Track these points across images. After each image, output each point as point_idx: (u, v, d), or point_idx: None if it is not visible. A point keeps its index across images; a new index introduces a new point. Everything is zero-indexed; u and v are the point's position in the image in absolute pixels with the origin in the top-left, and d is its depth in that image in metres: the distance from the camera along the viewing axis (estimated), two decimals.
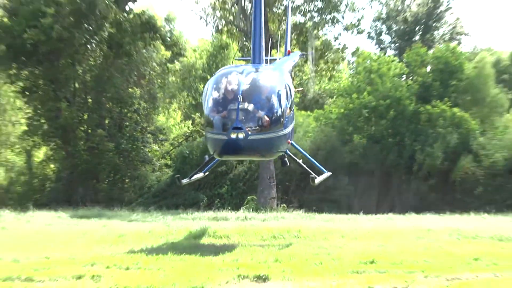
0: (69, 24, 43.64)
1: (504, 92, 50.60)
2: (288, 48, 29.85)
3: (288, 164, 22.82)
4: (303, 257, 17.21)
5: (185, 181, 24.15)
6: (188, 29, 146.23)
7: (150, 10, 47.83)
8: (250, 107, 16.98)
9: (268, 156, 22.35)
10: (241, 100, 16.92)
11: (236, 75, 17.86)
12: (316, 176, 22.02)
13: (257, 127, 17.01)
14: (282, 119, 17.94)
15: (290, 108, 19.08)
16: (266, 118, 17.19)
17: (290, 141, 20.87)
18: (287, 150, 21.12)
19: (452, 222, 27.98)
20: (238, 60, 41.15)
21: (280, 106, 17.73)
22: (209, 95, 17.94)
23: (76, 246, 19.76)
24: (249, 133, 16.71)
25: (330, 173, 23.84)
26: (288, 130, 19.16)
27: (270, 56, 28.18)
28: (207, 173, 25.32)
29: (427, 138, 43.12)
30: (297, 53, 32.34)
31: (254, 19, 20.52)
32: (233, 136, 16.67)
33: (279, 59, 26.41)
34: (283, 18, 38.43)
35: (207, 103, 17.95)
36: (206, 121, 18.32)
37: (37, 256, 17.36)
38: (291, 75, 24.93)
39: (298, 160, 23.19)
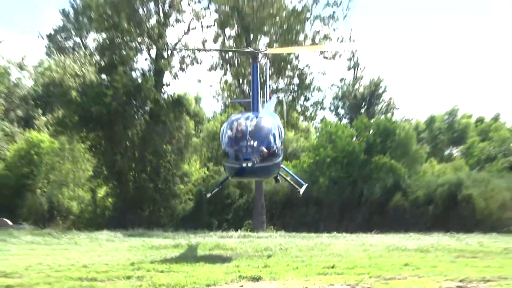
0: (123, 102, 44.37)
1: (422, 148, 51.43)
2: (269, 93, 29.90)
3: (280, 182, 23.07)
4: (284, 264, 17.15)
5: (208, 195, 24.73)
6: (205, 103, 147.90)
7: (185, 92, 48.73)
8: (255, 143, 17.25)
9: (267, 177, 22.65)
10: (249, 138, 17.21)
11: (244, 120, 18.13)
12: (299, 189, 22.30)
13: (260, 158, 17.24)
14: (276, 151, 18.22)
15: (281, 143, 19.32)
16: (266, 151, 17.45)
17: (282, 166, 21.08)
18: (279, 172, 21.32)
19: (388, 239, 27.91)
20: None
21: (275, 142, 18.03)
22: (225, 134, 18.18)
23: (127, 256, 19.69)
24: (255, 162, 16.96)
25: (307, 184, 23.88)
26: (280, 158, 19.36)
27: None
28: (220, 187, 25.82)
29: (372, 180, 43.40)
30: (275, 96, 32.72)
31: (253, 83, 20.84)
32: (244, 164, 16.94)
33: (266, 101, 26.15)
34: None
35: (224, 140, 18.18)
36: (223, 153, 18.47)
37: (99, 262, 17.35)
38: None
39: (287, 178, 23.48)
